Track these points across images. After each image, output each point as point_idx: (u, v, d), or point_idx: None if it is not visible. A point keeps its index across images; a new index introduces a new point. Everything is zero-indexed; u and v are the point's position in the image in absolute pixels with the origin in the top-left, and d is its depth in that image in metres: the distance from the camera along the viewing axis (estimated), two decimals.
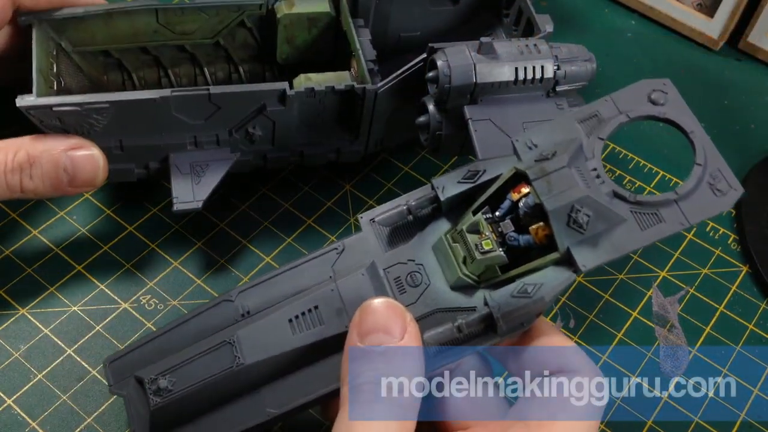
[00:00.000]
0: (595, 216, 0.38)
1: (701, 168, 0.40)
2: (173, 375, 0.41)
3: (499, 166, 0.42)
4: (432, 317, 0.40)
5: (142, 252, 0.54)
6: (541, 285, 0.38)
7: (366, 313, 0.37)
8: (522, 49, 0.50)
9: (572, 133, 0.41)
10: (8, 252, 0.53)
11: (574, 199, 0.37)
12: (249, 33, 0.57)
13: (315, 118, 0.52)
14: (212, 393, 0.41)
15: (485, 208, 0.41)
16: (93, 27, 0.53)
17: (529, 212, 0.39)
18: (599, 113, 0.42)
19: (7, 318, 0.50)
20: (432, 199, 0.43)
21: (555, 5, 0.74)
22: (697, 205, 0.39)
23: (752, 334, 0.54)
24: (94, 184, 0.49)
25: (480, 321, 0.39)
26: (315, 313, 0.41)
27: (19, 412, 0.47)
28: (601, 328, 0.54)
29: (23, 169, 0.46)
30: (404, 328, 0.37)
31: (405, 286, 0.41)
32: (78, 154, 0.47)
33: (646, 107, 0.42)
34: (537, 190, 0.38)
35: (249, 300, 0.43)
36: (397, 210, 0.42)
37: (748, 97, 0.70)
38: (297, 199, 0.58)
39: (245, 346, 0.41)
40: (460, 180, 0.42)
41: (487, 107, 0.50)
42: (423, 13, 0.60)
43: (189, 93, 0.48)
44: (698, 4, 0.72)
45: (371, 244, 0.43)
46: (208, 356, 0.41)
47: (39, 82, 0.47)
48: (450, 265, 0.41)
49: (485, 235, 0.40)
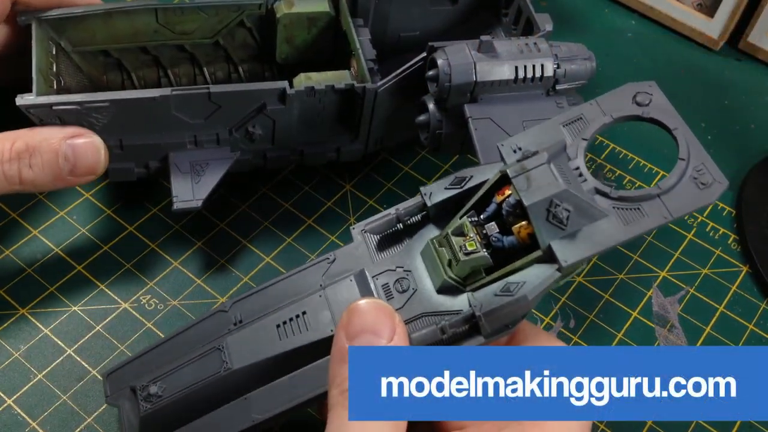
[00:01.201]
0: (576, 211, 0.38)
1: (684, 162, 0.40)
2: (164, 381, 0.42)
3: (486, 172, 0.42)
4: (418, 321, 0.40)
5: (142, 252, 0.54)
6: (524, 283, 0.38)
7: (354, 314, 0.36)
8: (522, 48, 0.50)
9: (557, 135, 0.41)
10: (8, 252, 0.53)
11: (552, 193, 0.37)
12: (248, 33, 0.57)
13: (315, 117, 0.52)
14: (201, 398, 0.41)
15: (471, 212, 0.41)
16: (92, 26, 0.53)
17: (512, 211, 0.39)
18: (584, 116, 0.42)
19: (7, 318, 0.50)
20: (420, 207, 0.43)
21: (555, 5, 0.74)
22: (680, 199, 0.39)
23: (752, 334, 0.54)
24: (96, 172, 0.48)
25: (463, 322, 0.39)
26: (303, 318, 0.42)
27: (19, 412, 0.47)
28: (601, 328, 0.54)
29: (21, 159, 0.45)
30: (393, 330, 0.36)
31: (393, 291, 0.41)
32: (78, 141, 0.47)
33: (630, 108, 0.42)
34: (516, 186, 0.38)
35: (242, 310, 0.44)
36: (387, 218, 0.43)
37: (748, 97, 0.70)
38: (297, 199, 0.58)
39: (233, 352, 0.41)
40: (447, 186, 0.42)
41: (487, 106, 0.50)
42: (422, 12, 0.60)
43: (189, 92, 0.48)
44: (698, 4, 0.72)
45: (362, 253, 0.43)
46: (198, 362, 0.42)
47: (39, 82, 0.47)
48: (436, 269, 0.41)
49: (470, 237, 0.40)
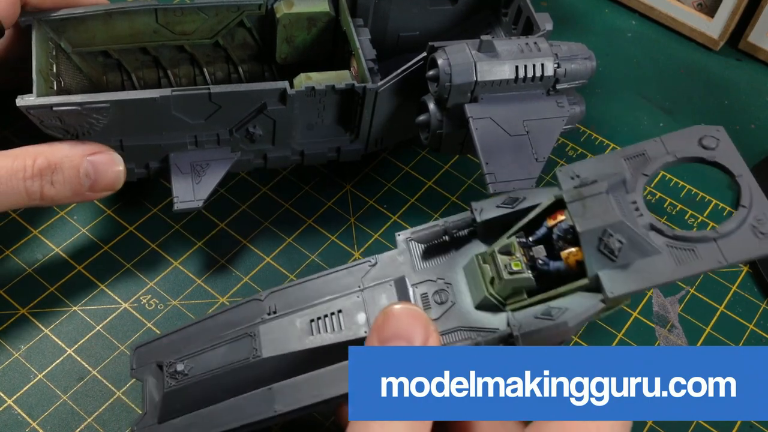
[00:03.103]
0: (629, 244, 0.37)
1: (746, 210, 0.39)
2: (192, 361, 0.42)
3: (540, 196, 0.42)
4: (453, 334, 0.40)
5: (142, 252, 0.54)
6: (566, 309, 0.37)
7: (388, 318, 0.36)
8: (522, 47, 0.50)
9: (617, 168, 0.41)
10: (8, 252, 0.53)
11: (607, 223, 0.37)
12: (248, 33, 0.57)
13: (315, 117, 0.52)
14: (225, 383, 0.41)
15: (520, 233, 0.41)
16: (92, 27, 0.53)
17: (562, 236, 0.39)
18: (647, 152, 0.41)
19: (7, 318, 0.50)
20: (469, 222, 0.43)
21: (555, 5, 0.74)
22: (736, 245, 0.38)
23: (752, 334, 0.54)
24: (114, 188, 0.49)
25: (499, 340, 0.38)
26: (337, 316, 0.42)
27: (19, 412, 0.47)
28: (601, 328, 0.54)
29: (44, 176, 0.46)
30: (426, 338, 0.36)
31: (431, 302, 0.42)
32: (98, 158, 0.48)
33: (695, 149, 0.41)
34: (571, 212, 0.38)
35: (277, 301, 0.44)
36: (433, 229, 0.43)
37: (748, 97, 0.70)
38: (297, 199, 0.58)
39: (264, 340, 0.41)
40: (499, 204, 0.42)
41: (487, 105, 0.50)
42: (422, 12, 0.60)
43: (189, 92, 0.48)
44: (698, 4, 0.72)
45: (404, 261, 0.44)
46: (228, 346, 0.42)
47: (39, 83, 0.47)
48: (477, 285, 0.41)
49: (516, 257, 0.39)
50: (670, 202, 0.61)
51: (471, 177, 0.60)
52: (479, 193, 0.59)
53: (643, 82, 0.70)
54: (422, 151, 0.61)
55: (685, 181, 0.62)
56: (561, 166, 0.40)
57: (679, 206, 0.61)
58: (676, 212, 0.60)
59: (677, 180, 0.62)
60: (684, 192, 0.62)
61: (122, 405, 0.47)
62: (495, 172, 0.48)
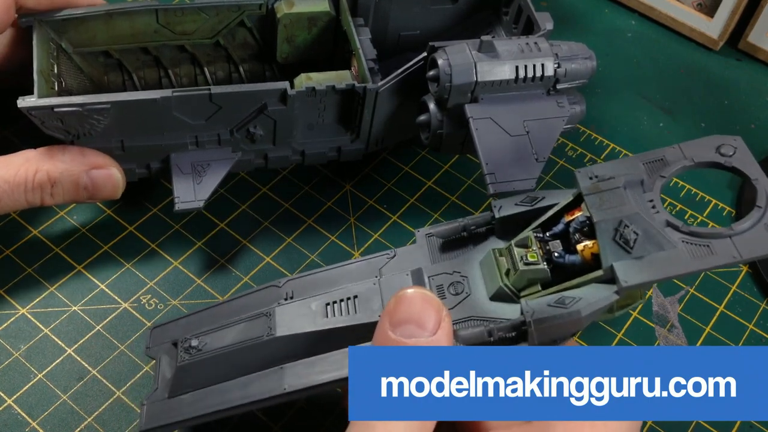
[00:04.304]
0: (644, 236, 0.38)
1: (761, 210, 0.39)
2: (206, 337, 0.43)
3: (559, 196, 0.42)
4: (466, 323, 0.41)
5: (142, 252, 0.54)
6: (579, 299, 0.38)
7: (401, 301, 0.36)
8: (522, 47, 0.50)
9: (635, 170, 0.41)
10: (8, 252, 0.53)
11: (623, 214, 0.38)
12: (249, 33, 0.57)
13: (316, 117, 0.52)
14: (238, 360, 0.42)
15: (538, 229, 0.41)
16: (93, 27, 0.53)
17: (579, 229, 0.39)
18: (665, 157, 0.42)
19: (7, 318, 0.50)
20: (488, 220, 0.44)
21: (555, 5, 0.74)
22: (752, 243, 0.39)
23: (752, 334, 0.54)
24: (113, 197, 0.51)
25: (512, 328, 0.39)
26: (353, 301, 0.42)
27: (19, 412, 0.47)
28: (601, 328, 0.54)
29: (44, 189, 0.48)
30: (438, 323, 0.36)
31: (446, 293, 0.42)
32: (98, 173, 0.49)
33: (712, 156, 0.42)
34: (588, 203, 0.39)
35: (295, 287, 0.45)
36: (453, 225, 0.44)
37: (748, 97, 0.70)
38: (297, 199, 0.58)
39: (279, 320, 0.42)
40: (518, 203, 0.43)
41: (487, 105, 0.50)
42: (423, 11, 0.60)
43: (190, 93, 0.48)
44: (698, 4, 0.72)
45: (422, 254, 0.44)
46: (243, 325, 0.43)
47: (40, 83, 0.47)
48: (493, 276, 0.41)
49: (532, 249, 0.40)
50: (670, 202, 0.61)
51: (471, 177, 0.60)
52: (479, 193, 0.59)
53: (643, 82, 0.70)
54: (422, 151, 0.61)
55: (685, 181, 0.62)
56: (580, 168, 0.41)
57: (679, 206, 0.61)
58: (676, 212, 0.60)
59: (677, 180, 0.62)
60: (684, 192, 0.62)
61: (122, 405, 0.47)
62: (495, 172, 0.49)
